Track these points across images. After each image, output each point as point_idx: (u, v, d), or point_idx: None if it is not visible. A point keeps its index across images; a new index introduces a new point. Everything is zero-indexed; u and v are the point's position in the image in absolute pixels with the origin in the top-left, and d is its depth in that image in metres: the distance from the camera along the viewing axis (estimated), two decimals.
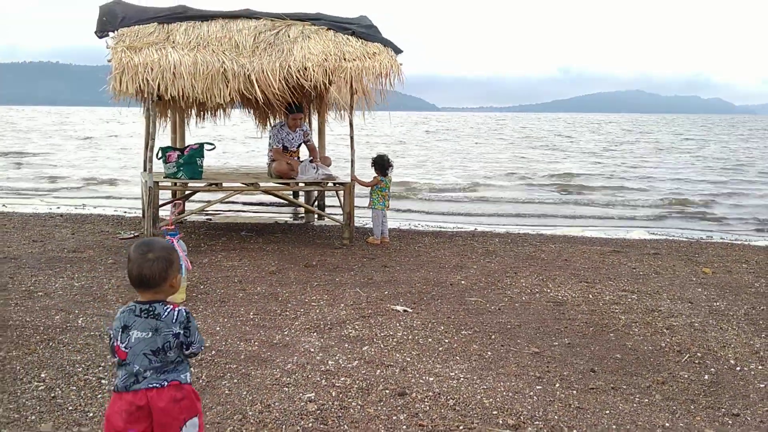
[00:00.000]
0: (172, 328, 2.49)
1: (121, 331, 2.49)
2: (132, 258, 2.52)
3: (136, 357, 2.46)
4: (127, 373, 2.46)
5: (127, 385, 2.45)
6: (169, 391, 2.47)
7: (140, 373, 2.45)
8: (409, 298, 5.83)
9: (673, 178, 19.71)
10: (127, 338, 2.48)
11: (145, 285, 2.51)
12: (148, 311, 2.50)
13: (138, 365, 2.45)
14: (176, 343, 2.50)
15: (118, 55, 7.03)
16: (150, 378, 2.46)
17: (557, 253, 7.94)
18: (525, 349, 4.61)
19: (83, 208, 11.92)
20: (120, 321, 2.50)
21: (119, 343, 2.48)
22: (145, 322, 2.48)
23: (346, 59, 7.75)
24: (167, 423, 2.45)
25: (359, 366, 4.20)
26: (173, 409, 2.46)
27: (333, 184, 8.54)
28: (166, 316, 2.50)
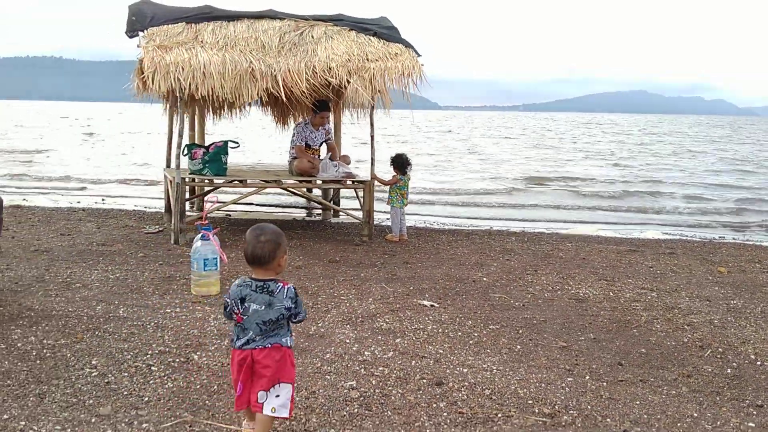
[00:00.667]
0: (283, 303, 3.00)
1: (240, 301, 3.01)
2: (248, 240, 3.01)
3: (251, 324, 3.00)
4: (244, 336, 3.01)
5: (242, 345, 3.02)
6: (269, 350, 3.01)
7: (252, 338, 3.00)
8: (434, 293, 6.00)
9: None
10: (245, 308, 3.00)
11: (257, 263, 3.01)
12: (263, 288, 3.00)
13: (252, 331, 3.00)
14: (287, 315, 3.02)
15: (149, 54, 7.20)
16: (258, 341, 3.01)
17: (575, 252, 8.10)
18: (552, 343, 4.77)
19: (104, 203, 12.11)
20: (238, 293, 3.02)
21: (238, 311, 3.01)
22: (260, 297, 2.99)
23: (369, 59, 7.91)
24: (264, 375, 2.99)
25: (395, 357, 4.37)
26: (269, 362, 2.99)
27: (353, 182, 8.72)
28: (279, 292, 3.01)
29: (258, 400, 3.01)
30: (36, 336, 4.50)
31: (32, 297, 5.40)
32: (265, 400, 3.01)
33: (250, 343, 3.00)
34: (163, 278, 6.19)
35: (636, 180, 19.11)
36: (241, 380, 3.03)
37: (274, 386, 3.01)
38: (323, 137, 9.18)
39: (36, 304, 5.21)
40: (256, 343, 3.00)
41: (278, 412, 3.02)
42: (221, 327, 4.82)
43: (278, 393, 3.01)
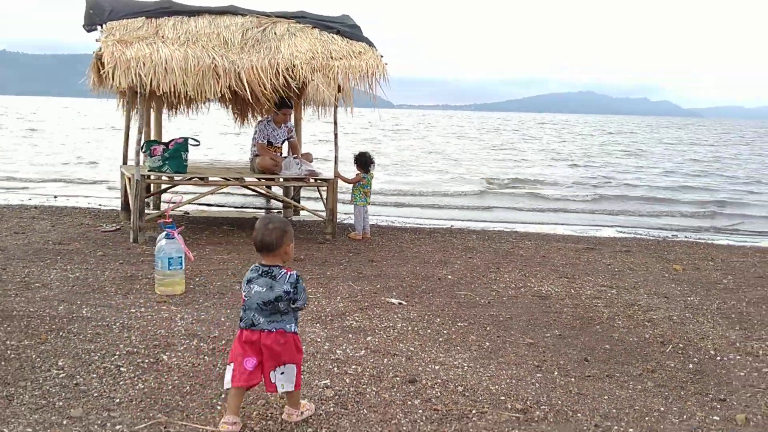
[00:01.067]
0: (283, 287, 3.25)
1: (246, 283, 3.31)
2: (257, 228, 3.31)
3: (252, 304, 3.28)
4: (247, 317, 3.29)
5: (246, 325, 3.28)
6: (275, 335, 3.26)
7: (255, 318, 3.27)
8: (401, 291, 6.03)
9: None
10: (249, 290, 3.29)
11: (265, 249, 3.31)
12: (267, 272, 3.30)
13: (253, 312, 3.27)
14: (286, 298, 3.26)
15: (110, 49, 7.06)
16: (263, 323, 3.26)
17: (534, 250, 8.24)
18: (520, 340, 4.85)
19: (56, 200, 11.82)
20: (247, 276, 3.33)
21: (243, 292, 3.32)
22: (263, 280, 3.28)
23: (333, 58, 7.90)
24: (272, 357, 3.26)
25: (366, 355, 4.39)
26: (276, 348, 3.26)
27: (316, 180, 8.70)
28: (281, 277, 3.28)
29: (271, 381, 3.30)
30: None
31: None
32: (274, 380, 3.29)
33: (256, 325, 3.27)
34: (124, 277, 6.08)
35: (595, 180, 19.46)
36: (248, 355, 3.28)
37: (278, 367, 3.29)
38: (285, 135, 9.14)
39: None
40: (261, 325, 3.26)
41: (285, 387, 3.32)
42: (189, 327, 4.77)
43: (283, 371, 3.30)
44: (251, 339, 3.27)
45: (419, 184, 17.01)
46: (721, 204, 15.30)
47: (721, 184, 19.81)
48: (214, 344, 4.45)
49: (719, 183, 20.30)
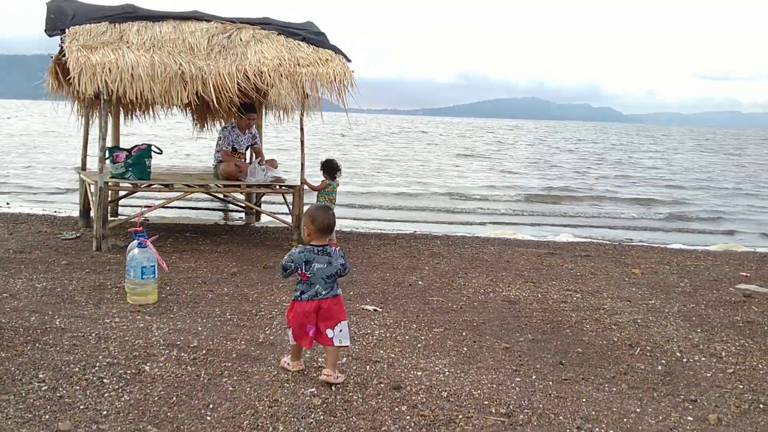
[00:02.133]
0: (338, 260, 4.10)
1: (305, 263, 4.01)
2: (320, 216, 4.07)
3: (317, 279, 4.03)
4: (312, 290, 4.04)
5: (311, 297, 4.03)
6: (331, 299, 4.08)
7: (319, 290, 4.04)
8: (375, 298, 6.10)
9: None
10: (310, 268, 4.02)
11: (329, 231, 4.12)
12: (323, 251, 4.06)
13: (319, 285, 4.04)
14: (341, 269, 4.10)
15: (74, 55, 6.94)
16: (324, 293, 4.05)
17: (498, 255, 8.41)
18: (495, 344, 4.97)
19: (8, 207, 11.51)
20: (302, 257, 4.02)
21: (304, 271, 4.01)
22: (322, 258, 4.05)
23: (300, 65, 7.93)
24: (330, 317, 4.06)
25: (349, 362, 4.44)
26: (333, 307, 4.08)
27: (281, 187, 8.69)
28: (334, 254, 4.09)
29: (328, 336, 4.03)
30: None
31: None
32: (333, 336, 4.03)
33: (318, 295, 4.02)
34: (93, 287, 5.99)
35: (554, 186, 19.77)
36: (310, 323, 4.04)
37: (337, 324, 4.06)
38: (249, 141, 9.11)
39: None
40: (322, 295, 4.03)
41: (343, 342, 4.08)
42: (166, 337, 4.74)
43: (341, 329, 4.07)
44: (312, 308, 4.02)
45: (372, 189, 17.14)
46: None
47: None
48: (194, 354, 4.43)
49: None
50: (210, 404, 3.71)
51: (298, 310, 4.05)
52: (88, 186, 8.63)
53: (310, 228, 4.07)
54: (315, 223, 4.05)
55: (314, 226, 4.05)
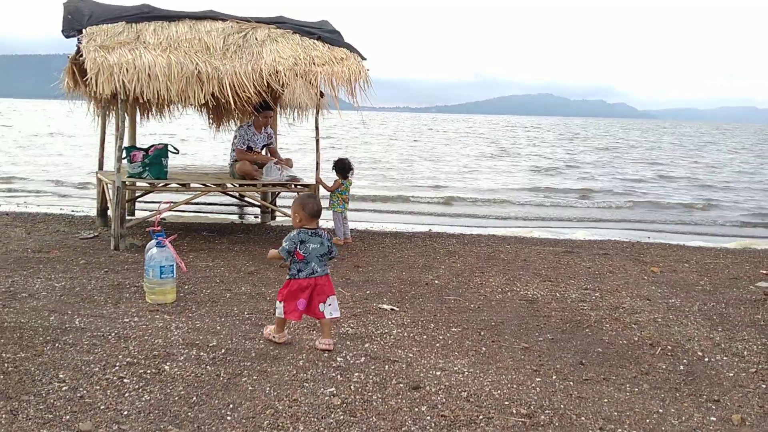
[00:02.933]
0: (328, 242, 4.65)
1: (301, 242, 4.54)
2: (309, 202, 4.62)
3: (313, 258, 4.55)
4: (308, 268, 4.55)
5: (308, 275, 4.55)
6: (326, 277, 4.63)
7: (315, 268, 4.56)
8: (391, 297, 6.08)
9: None
10: (306, 248, 4.54)
11: (318, 215, 4.65)
12: (315, 233, 4.60)
13: (314, 263, 4.57)
14: (331, 250, 4.65)
15: (92, 55, 6.96)
16: (319, 271, 4.59)
17: (515, 254, 8.37)
18: (514, 344, 4.94)
19: (26, 206, 11.59)
20: (298, 238, 4.55)
21: (299, 250, 4.52)
22: (316, 239, 4.59)
23: (315, 63, 7.92)
24: (322, 292, 4.56)
25: (367, 362, 4.42)
26: (326, 284, 4.61)
27: (297, 186, 8.69)
28: (323, 236, 4.65)
29: (320, 309, 4.55)
30: None
31: None
32: (324, 309, 4.55)
33: (314, 273, 4.55)
34: (112, 286, 6.02)
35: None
36: (304, 298, 4.52)
37: (328, 298, 4.57)
38: (265, 140, 9.12)
39: None
40: (318, 273, 4.56)
41: (333, 314, 4.61)
42: (186, 336, 4.75)
43: (330, 302, 4.60)
44: (308, 284, 4.54)
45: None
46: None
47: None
48: (214, 353, 4.44)
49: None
50: (230, 404, 3.71)
51: (294, 286, 4.53)
52: (105, 186, 8.67)
53: (302, 214, 4.60)
54: (306, 209, 4.58)
55: (305, 212, 4.58)
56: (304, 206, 4.58)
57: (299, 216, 4.59)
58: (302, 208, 4.58)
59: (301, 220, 4.60)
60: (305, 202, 4.60)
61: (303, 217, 4.58)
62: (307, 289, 4.52)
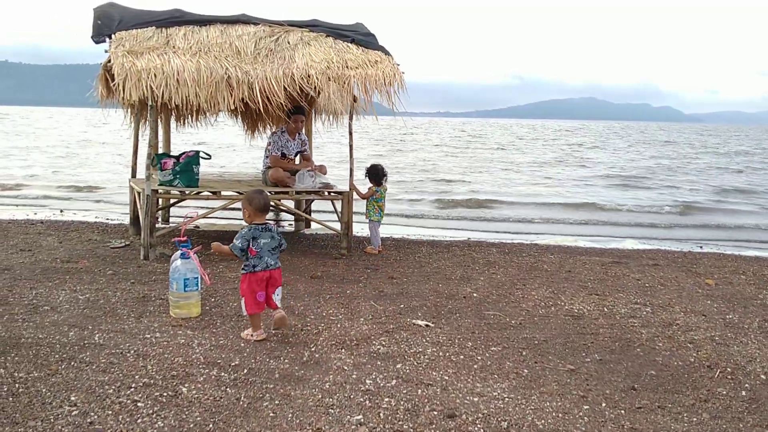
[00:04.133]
0: (278, 235, 4.88)
1: (253, 240, 4.70)
2: (256, 197, 4.79)
3: (265, 252, 4.74)
4: (262, 262, 4.73)
5: (264, 268, 4.74)
6: (279, 270, 4.87)
7: (269, 262, 4.76)
8: (426, 311, 5.75)
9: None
10: (258, 244, 4.71)
11: (266, 210, 4.84)
12: (265, 228, 4.79)
13: (267, 257, 4.76)
14: (280, 243, 4.86)
15: (119, 60, 6.80)
16: (273, 264, 4.79)
17: (559, 264, 7.95)
18: (559, 366, 4.56)
19: (62, 215, 11.56)
20: (250, 235, 4.71)
21: (252, 246, 4.69)
22: (266, 234, 4.78)
23: (348, 67, 7.65)
24: (274, 284, 4.82)
25: (398, 385, 4.10)
26: (278, 277, 4.86)
27: (330, 194, 8.42)
28: (274, 229, 4.86)
29: (273, 299, 4.81)
30: (5, 368, 4.11)
31: None
32: (275, 299, 4.83)
33: (269, 266, 4.75)
34: (137, 299, 5.81)
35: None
36: (261, 290, 4.73)
37: (277, 290, 4.85)
38: (299, 147, 8.88)
39: (2, 330, 4.80)
40: (272, 266, 4.77)
41: (279, 302, 4.87)
42: (207, 354, 4.49)
43: (277, 293, 4.88)
44: (264, 277, 4.72)
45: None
46: None
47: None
48: (235, 374, 4.17)
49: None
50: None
51: (252, 280, 4.70)
52: (137, 194, 8.53)
53: (250, 209, 4.76)
54: (253, 204, 4.74)
55: (253, 207, 4.74)
56: (251, 201, 4.76)
57: (248, 211, 4.78)
58: (250, 204, 4.76)
59: (250, 216, 4.78)
60: (252, 198, 4.77)
61: (251, 212, 4.76)
62: (263, 281, 4.73)
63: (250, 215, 4.79)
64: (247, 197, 4.82)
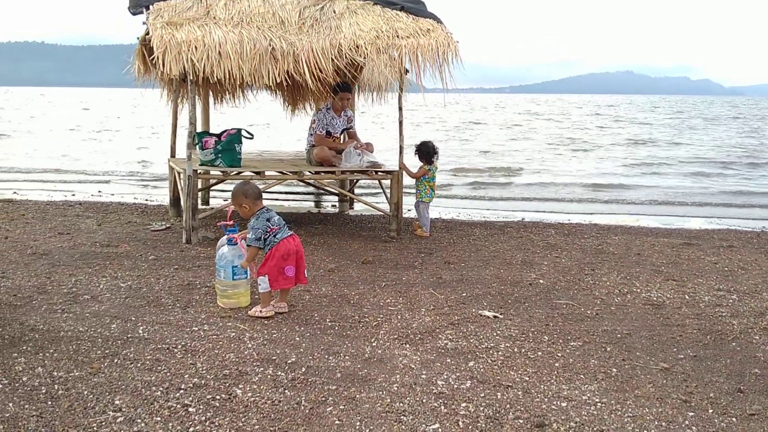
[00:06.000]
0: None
1: (267, 220, 4.69)
2: (248, 188, 4.76)
3: (282, 224, 4.77)
4: (284, 231, 4.75)
5: (287, 235, 4.73)
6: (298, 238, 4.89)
7: (286, 230, 4.76)
8: (491, 300, 5.29)
9: None
10: (277, 221, 4.76)
11: (261, 196, 4.80)
12: (269, 209, 4.78)
13: (285, 227, 4.78)
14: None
15: (158, 32, 6.40)
16: (289, 233, 4.79)
17: (626, 246, 7.42)
18: (650, 363, 4.08)
19: (100, 195, 11.32)
20: (264, 218, 4.69)
21: (272, 226, 4.70)
22: (272, 212, 4.78)
23: (399, 36, 7.14)
24: (301, 256, 4.82)
25: (474, 387, 3.66)
26: (301, 248, 4.85)
27: (378, 173, 7.97)
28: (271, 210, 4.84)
29: (304, 275, 4.86)
30: (44, 366, 3.77)
31: (35, 313, 4.66)
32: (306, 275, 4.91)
33: (287, 233, 4.76)
34: (181, 286, 5.45)
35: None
36: (292, 264, 4.68)
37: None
38: (344, 124, 8.43)
39: (40, 322, 4.47)
40: (289, 234, 4.78)
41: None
42: (261, 350, 4.10)
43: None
44: (291, 250, 4.67)
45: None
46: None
47: None
48: (292, 373, 3.77)
49: None
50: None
51: (278, 254, 4.62)
52: (177, 174, 8.18)
53: (247, 201, 4.70)
54: (249, 195, 4.71)
55: (251, 198, 4.71)
56: (246, 194, 4.71)
57: (246, 204, 4.71)
58: (246, 196, 4.70)
59: (249, 208, 4.71)
60: (245, 190, 4.73)
61: (250, 203, 4.70)
62: (291, 255, 4.65)
63: (250, 207, 4.72)
64: (241, 192, 4.74)
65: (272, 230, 4.69)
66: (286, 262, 4.67)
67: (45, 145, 21.57)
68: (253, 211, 4.73)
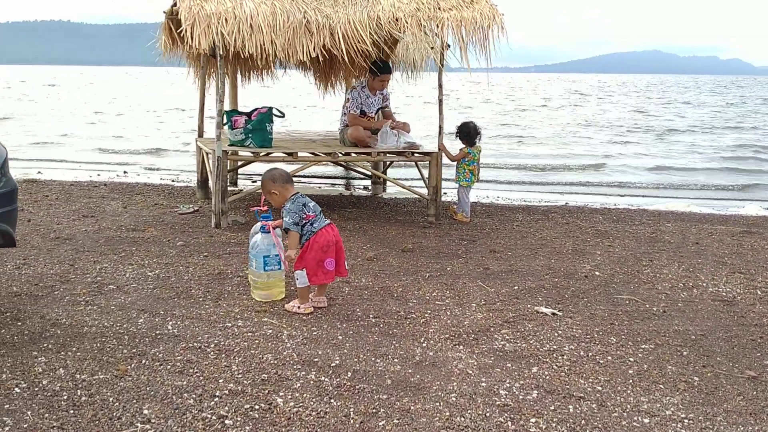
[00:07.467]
0: None
1: (304, 206, 4.33)
2: (275, 173, 4.44)
3: (318, 212, 4.39)
4: (321, 219, 4.36)
5: (324, 225, 4.33)
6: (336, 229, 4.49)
7: (323, 221, 4.36)
8: (546, 295, 4.88)
9: None
10: (308, 207, 4.35)
11: (292, 179, 4.50)
12: (303, 195, 4.43)
13: (322, 215, 4.40)
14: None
15: (186, 3, 6.01)
16: (327, 222, 4.41)
17: (681, 234, 6.95)
18: (734, 370, 3.66)
19: (126, 176, 11.04)
20: (300, 203, 4.33)
21: (309, 212, 4.33)
22: (306, 198, 4.42)
23: (441, 9, 6.69)
24: (341, 248, 4.45)
25: (542, 398, 3.27)
26: (340, 239, 4.47)
27: (416, 154, 7.54)
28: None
29: (345, 267, 4.51)
30: (66, 367, 3.43)
31: (57, 305, 4.33)
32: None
33: (324, 222, 4.37)
34: (212, 276, 5.10)
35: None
36: (331, 257, 4.32)
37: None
38: (380, 103, 7.99)
39: (62, 316, 4.14)
40: (326, 223, 4.38)
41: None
42: (301, 350, 3.74)
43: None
44: (330, 241, 4.30)
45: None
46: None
47: None
48: (337, 378, 3.40)
49: None
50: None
51: (317, 246, 4.26)
52: (206, 154, 7.83)
53: (279, 188, 4.36)
54: (278, 180, 4.38)
55: (281, 183, 4.37)
56: (275, 179, 4.38)
57: (276, 190, 4.36)
58: (275, 182, 4.38)
59: (280, 194, 4.36)
60: (272, 175, 4.41)
61: (281, 190, 4.36)
62: (331, 247, 4.32)
63: (281, 192, 4.36)
64: (270, 178, 4.39)
65: (309, 217, 4.32)
66: (326, 255, 4.31)
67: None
68: (285, 197, 4.36)
